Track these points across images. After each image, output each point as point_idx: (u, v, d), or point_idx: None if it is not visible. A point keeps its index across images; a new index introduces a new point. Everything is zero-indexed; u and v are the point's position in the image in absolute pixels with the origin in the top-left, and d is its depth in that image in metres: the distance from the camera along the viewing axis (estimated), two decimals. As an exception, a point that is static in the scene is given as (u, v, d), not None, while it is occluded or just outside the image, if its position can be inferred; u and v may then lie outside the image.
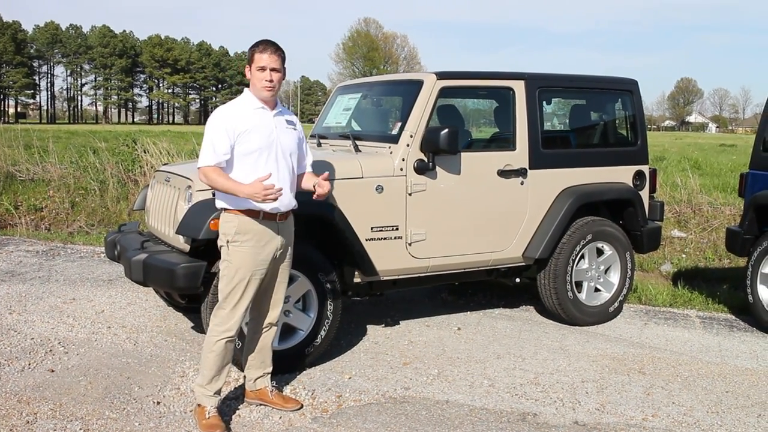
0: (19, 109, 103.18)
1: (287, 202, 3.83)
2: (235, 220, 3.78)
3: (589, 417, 4.10)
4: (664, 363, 5.03)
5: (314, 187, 3.96)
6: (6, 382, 4.35)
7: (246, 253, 3.76)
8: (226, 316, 3.79)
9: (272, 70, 3.73)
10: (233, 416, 3.98)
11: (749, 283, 5.88)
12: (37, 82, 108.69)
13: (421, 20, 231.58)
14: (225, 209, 3.82)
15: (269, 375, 4.12)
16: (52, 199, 11.01)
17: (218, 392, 3.86)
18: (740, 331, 5.89)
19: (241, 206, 3.75)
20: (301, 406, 4.09)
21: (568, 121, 6.60)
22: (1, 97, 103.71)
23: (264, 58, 3.73)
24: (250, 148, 3.71)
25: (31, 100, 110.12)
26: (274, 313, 4.04)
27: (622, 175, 6.00)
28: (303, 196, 4.52)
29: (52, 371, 4.56)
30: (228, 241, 3.79)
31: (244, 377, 4.16)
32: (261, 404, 4.08)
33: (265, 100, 3.80)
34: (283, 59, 3.79)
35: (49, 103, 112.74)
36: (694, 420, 4.09)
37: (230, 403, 4.15)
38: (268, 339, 4.07)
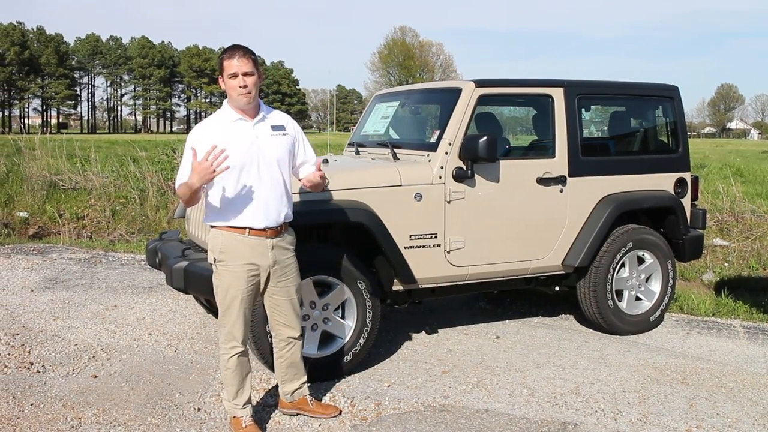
0: (61, 120, 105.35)
1: (275, 216, 3.63)
2: (220, 236, 3.61)
3: (631, 428, 4.04)
4: (708, 373, 4.94)
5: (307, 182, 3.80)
6: (51, 387, 4.43)
7: (233, 273, 3.61)
8: (229, 333, 3.70)
9: (245, 74, 3.50)
10: (273, 423, 4.00)
11: (795, 292, 5.75)
12: (78, 92, 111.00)
13: (456, 28, 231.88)
14: (212, 225, 3.66)
15: (306, 384, 4.09)
16: (94, 207, 11.20)
17: (247, 402, 3.82)
18: (786, 341, 5.76)
19: (225, 222, 3.59)
20: (340, 413, 4.09)
21: (607, 128, 6.53)
22: (44, 107, 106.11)
23: (234, 64, 3.49)
24: (229, 165, 3.44)
25: (73, 111, 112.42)
26: (291, 332, 3.90)
27: (663, 182, 5.91)
28: (341, 204, 4.55)
29: (96, 377, 4.63)
30: (215, 260, 3.64)
31: (279, 390, 4.10)
32: (299, 413, 4.05)
33: (243, 108, 3.58)
34: (254, 61, 3.54)
35: (89, 113, 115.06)
36: (740, 432, 4.02)
37: (270, 409, 4.17)
38: (295, 354, 3.97)
